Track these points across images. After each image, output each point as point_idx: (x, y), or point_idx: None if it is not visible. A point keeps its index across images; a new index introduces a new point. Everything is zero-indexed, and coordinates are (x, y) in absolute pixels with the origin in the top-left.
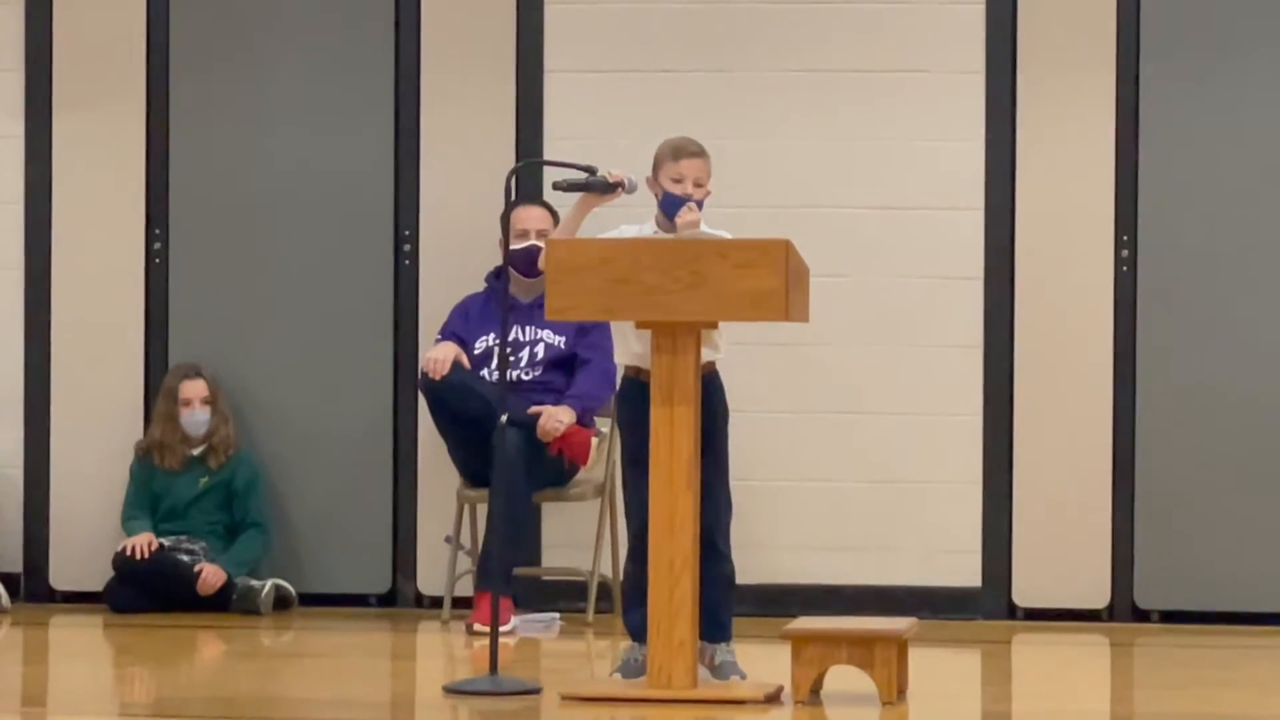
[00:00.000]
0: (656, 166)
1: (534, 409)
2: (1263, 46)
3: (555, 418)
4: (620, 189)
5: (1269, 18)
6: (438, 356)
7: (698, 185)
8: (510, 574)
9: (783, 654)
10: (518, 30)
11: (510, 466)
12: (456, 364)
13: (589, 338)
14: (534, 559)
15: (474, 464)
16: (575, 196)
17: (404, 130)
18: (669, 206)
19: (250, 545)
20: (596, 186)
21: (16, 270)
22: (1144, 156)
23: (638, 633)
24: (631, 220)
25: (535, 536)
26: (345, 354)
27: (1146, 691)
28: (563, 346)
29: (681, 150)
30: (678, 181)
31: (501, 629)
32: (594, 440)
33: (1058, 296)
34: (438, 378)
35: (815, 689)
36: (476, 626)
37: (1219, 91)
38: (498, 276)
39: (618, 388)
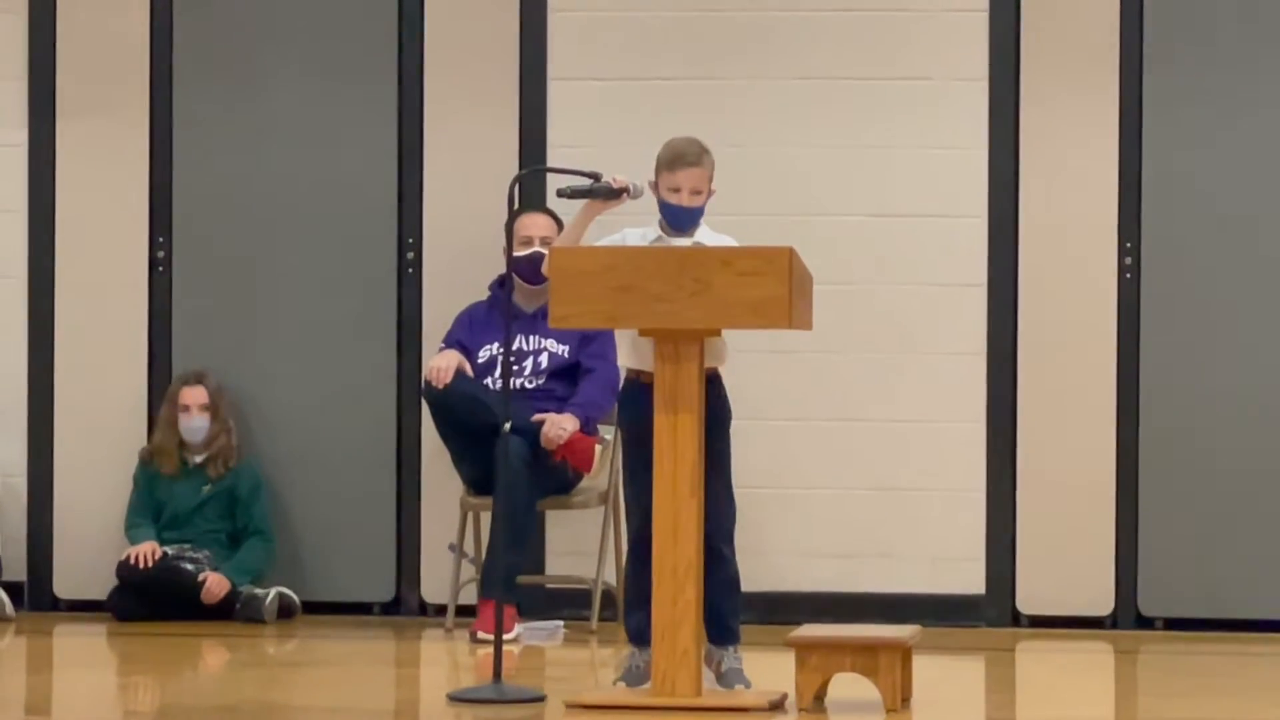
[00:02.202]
0: (656, 172)
1: (537, 416)
2: (1266, 53)
3: (559, 425)
4: (625, 195)
5: (1272, 24)
6: (440, 365)
7: (695, 193)
8: (514, 582)
9: (787, 662)
10: (521, 38)
11: (514, 474)
12: (460, 372)
13: (592, 346)
14: (538, 567)
15: (478, 472)
16: (580, 204)
17: (408, 138)
18: (669, 217)
19: (254, 553)
20: (601, 193)
21: (20, 278)
22: (1147, 164)
23: (637, 636)
24: (635, 225)
25: (539, 544)
26: (349, 362)
27: (1150, 699)
28: (567, 355)
29: (678, 160)
30: (674, 191)
31: (505, 637)
32: (598, 448)
33: (1061, 304)
34: (441, 386)
35: (819, 697)
36: (480, 634)
37: (1222, 99)
38: (501, 285)
39: (619, 390)
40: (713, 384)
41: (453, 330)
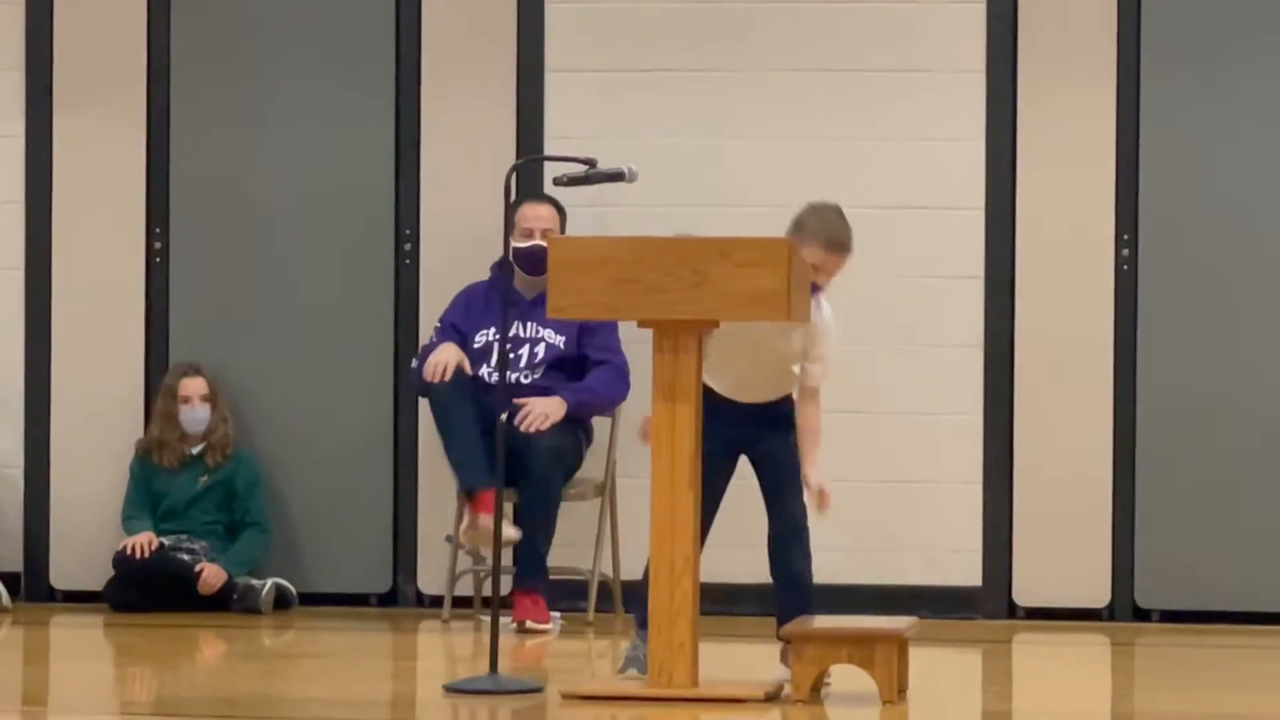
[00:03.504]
0: (801, 234)
1: (519, 400)
2: (1264, 46)
3: (541, 412)
4: (621, 180)
5: (1270, 18)
6: (440, 360)
7: (826, 275)
8: (546, 570)
9: None
10: (518, 29)
11: (545, 465)
12: (459, 370)
13: (597, 339)
14: None
15: (471, 462)
16: (579, 192)
17: (405, 130)
18: None
19: (250, 545)
20: (597, 179)
21: (17, 270)
22: (1145, 155)
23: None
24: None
25: None
26: (346, 353)
27: (1147, 691)
28: (563, 347)
29: (839, 246)
30: (816, 269)
31: (544, 626)
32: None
33: (1058, 296)
34: (438, 382)
35: (816, 688)
36: (528, 624)
37: (1220, 91)
38: (502, 267)
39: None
40: (786, 401)
41: (449, 312)
